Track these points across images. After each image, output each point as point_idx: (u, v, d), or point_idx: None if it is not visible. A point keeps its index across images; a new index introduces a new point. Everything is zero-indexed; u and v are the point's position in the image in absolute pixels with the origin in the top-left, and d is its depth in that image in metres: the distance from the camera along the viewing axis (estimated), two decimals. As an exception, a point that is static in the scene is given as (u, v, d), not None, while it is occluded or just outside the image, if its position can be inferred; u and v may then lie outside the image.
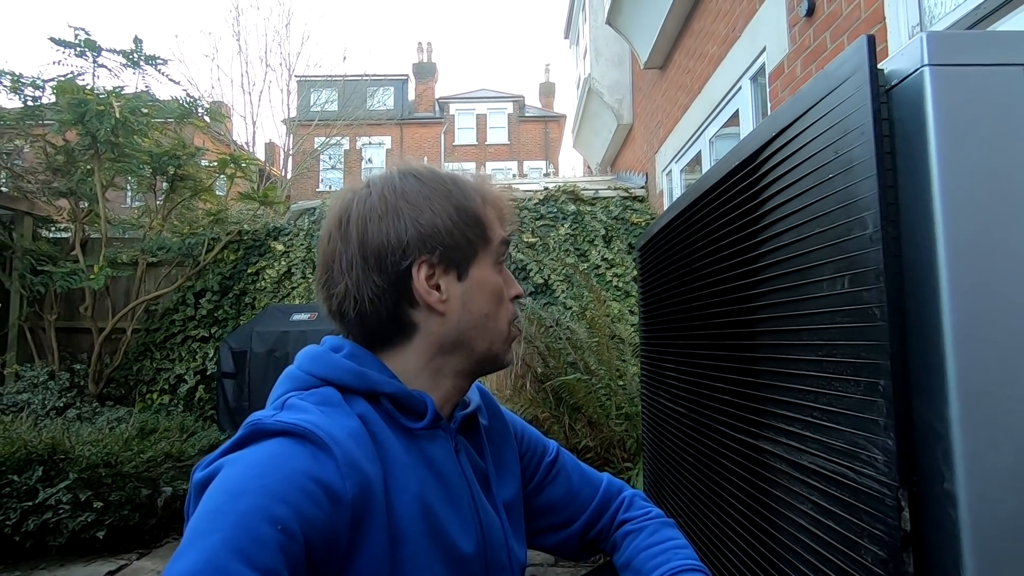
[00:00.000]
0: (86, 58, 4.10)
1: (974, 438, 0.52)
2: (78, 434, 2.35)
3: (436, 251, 0.61)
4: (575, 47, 8.63)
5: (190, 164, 4.43)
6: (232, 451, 0.50)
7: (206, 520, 0.44)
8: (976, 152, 0.54)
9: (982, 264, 0.53)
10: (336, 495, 0.48)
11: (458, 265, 0.62)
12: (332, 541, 0.47)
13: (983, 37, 0.57)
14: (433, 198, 0.62)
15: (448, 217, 0.62)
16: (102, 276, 3.85)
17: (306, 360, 0.62)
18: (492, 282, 0.65)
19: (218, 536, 0.42)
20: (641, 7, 4.64)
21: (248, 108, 13.34)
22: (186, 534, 0.44)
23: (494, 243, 0.65)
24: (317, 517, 0.46)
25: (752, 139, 0.83)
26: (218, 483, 0.46)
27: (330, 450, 0.50)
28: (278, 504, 0.44)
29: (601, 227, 4.85)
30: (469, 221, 0.63)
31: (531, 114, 22.22)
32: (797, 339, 0.72)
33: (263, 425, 0.51)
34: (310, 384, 0.59)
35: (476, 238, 0.63)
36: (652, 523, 0.76)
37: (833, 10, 2.10)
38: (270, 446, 0.49)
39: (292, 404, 0.55)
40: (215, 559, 0.41)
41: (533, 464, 0.78)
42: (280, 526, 0.44)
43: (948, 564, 0.52)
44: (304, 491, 0.46)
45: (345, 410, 0.56)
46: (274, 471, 0.47)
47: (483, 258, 0.64)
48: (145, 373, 4.58)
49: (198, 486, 0.48)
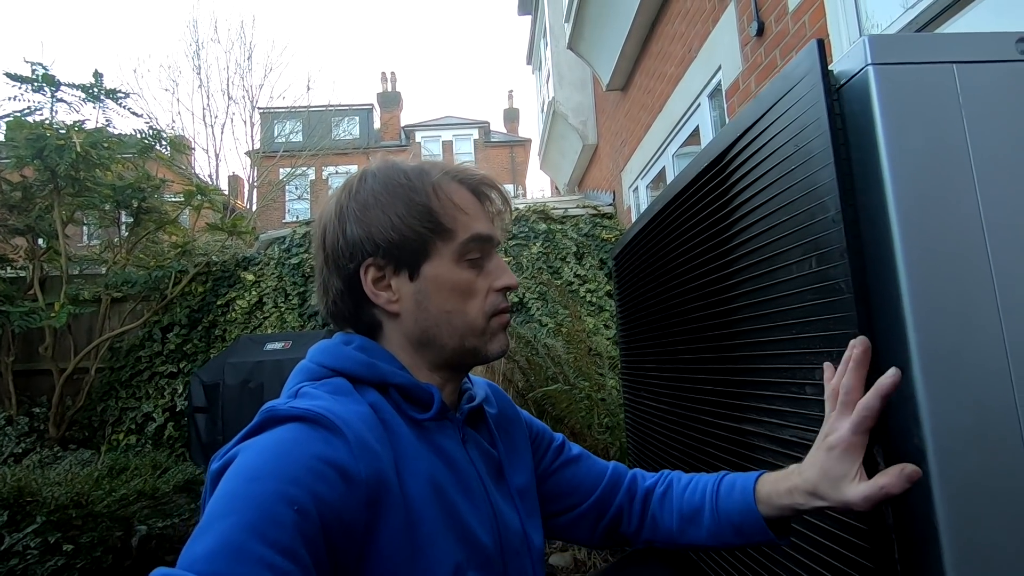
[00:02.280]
0: (44, 93, 4.03)
1: (936, 397, 0.57)
2: (45, 475, 2.25)
3: (380, 251, 0.61)
4: (538, 72, 8.87)
5: (155, 197, 4.35)
6: (246, 438, 0.51)
7: (223, 503, 0.44)
8: (917, 139, 0.61)
9: (931, 236, 0.58)
10: (350, 475, 0.49)
11: (408, 264, 0.62)
12: (349, 521, 0.48)
13: (917, 39, 0.65)
14: (381, 196, 0.62)
15: (395, 214, 0.61)
16: (64, 314, 3.72)
17: (317, 352, 0.64)
18: (451, 279, 0.62)
19: (235, 518, 0.43)
20: (601, 32, 4.83)
21: (211, 141, 13.12)
22: (203, 518, 0.44)
23: (458, 238, 0.62)
24: (332, 497, 0.47)
25: (719, 141, 0.89)
26: (233, 469, 0.47)
27: (342, 433, 0.51)
28: (293, 486, 0.45)
29: (572, 244, 4.94)
30: (419, 216, 0.61)
31: (497, 139, 22.55)
32: (772, 321, 0.77)
33: (277, 412, 0.52)
34: (322, 375, 0.61)
35: (429, 234, 0.61)
36: (671, 474, 0.78)
37: (781, 29, 2.25)
38: (283, 431, 0.50)
39: (305, 392, 0.57)
40: (233, 539, 0.42)
41: (542, 449, 0.79)
42: (296, 507, 0.44)
43: (922, 514, 0.56)
44: (318, 473, 0.47)
45: (356, 398, 0.58)
46: (288, 455, 0.48)
47: (441, 254, 0.62)
48: (110, 413, 4.40)
49: (214, 475, 0.49)
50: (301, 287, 4.77)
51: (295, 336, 3.92)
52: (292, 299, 4.74)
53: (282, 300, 4.74)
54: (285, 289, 4.77)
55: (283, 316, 4.69)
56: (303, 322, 4.68)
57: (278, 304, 4.73)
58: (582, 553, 2.32)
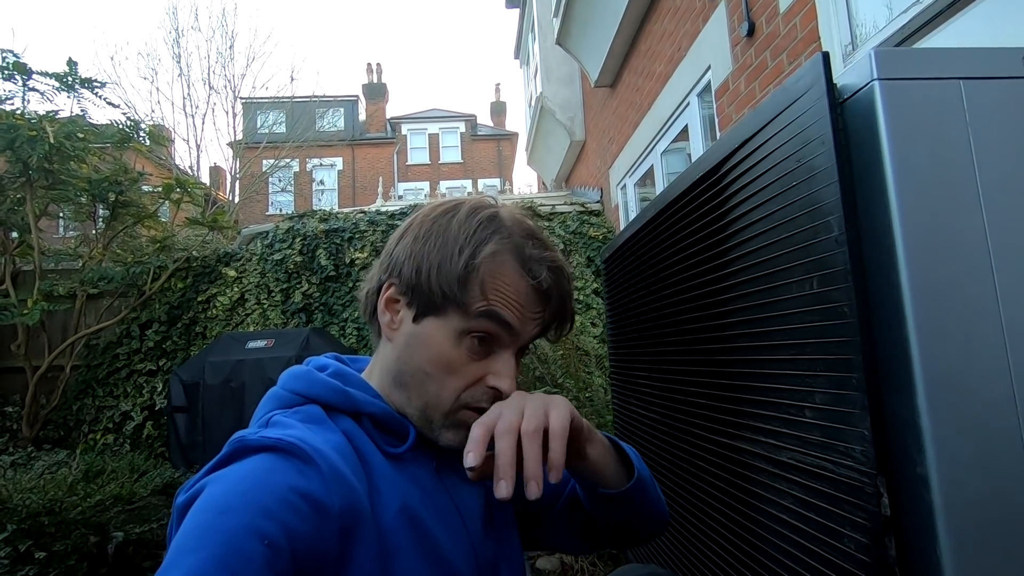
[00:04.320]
0: (15, 81, 3.88)
1: (940, 424, 0.55)
2: (15, 482, 2.18)
3: (403, 281, 0.61)
4: (526, 67, 8.80)
5: (133, 190, 4.24)
6: (215, 469, 0.49)
7: (191, 538, 0.42)
8: (923, 155, 0.59)
9: (937, 258, 0.57)
10: (323, 507, 0.47)
11: (418, 307, 0.60)
12: (320, 554, 0.47)
13: (924, 53, 0.63)
14: (437, 238, 0.60)
15: (428, 261, 0.59)
16: (37, 311, 3.61)
17: (289, 379, 0.61)
18: (441, 347, 0.58)
19: (205, 553, 0.41)
20: (589, 28, 4.79)
21: (191, 131, 12.83)
22: (169, 553, 0.42)
23: (470, 312, 0.58)
24: (304, 530, 0.45)
25: (715, 151, 0.87)
26: (202, 501, 0.45)
27: (315, 463, 0.49)
28: (264, 519, 0.44)
29: (560, 242, 4.92)
30: (444, 277, 0.58)
31: (484, 133, 22.41)
32: (769, 340, 0.75)
33: (247, 442, 0.50)
34: (294, 402, 0.59)
35: (448, 298, 0.58)
36: None
37: (772, 30, 2.23)
38: (255, 462, 0.48)
39: (276, 421, 0.55)
40: (202, 575, 0.40)
41: None
42: (267, 541, 0.43)
43: (926, 545, 0.54)
44: (290, 505, 0.46)
45: (329, 426, 0.56)
46: (260, 486, 0.46)
47: (447, 320, 0.59)
48: (87, 412, 4.29)
49: (181, 508, 0.47)
50: (284, 283, 4.69)
51: (278, 334, 3.85)
52: (275, 296, 4.66)
53: (265, 297, 4.66)
54: (268, 285, 4.69)
55: (266, 313, 4.61)
56: (286, 319, 4.61)
57: (260, 301, 4.64)
58: (569, 557, 2.31)
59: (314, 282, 4.70)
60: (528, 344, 0.62)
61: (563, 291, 0.61)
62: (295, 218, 5.10)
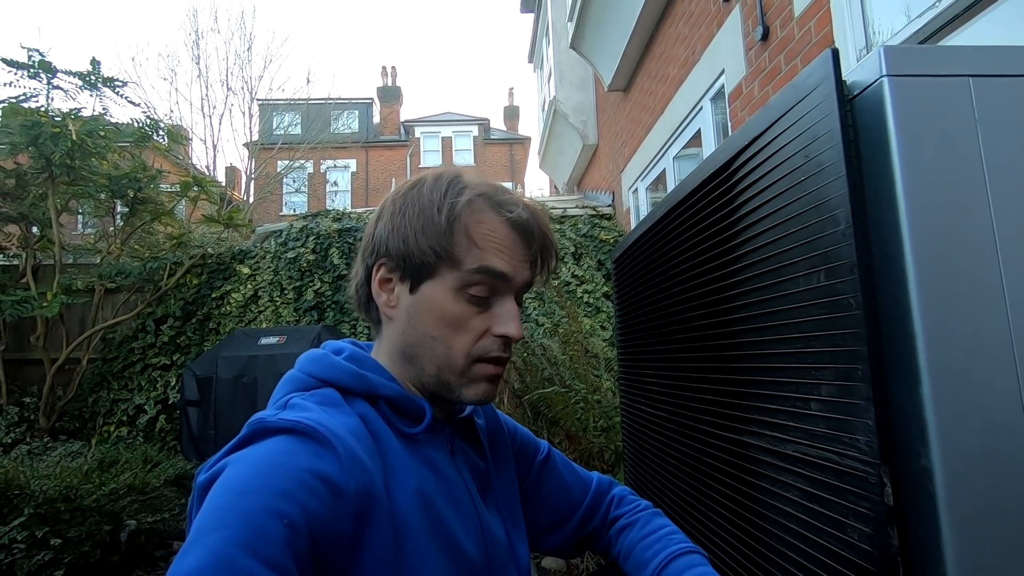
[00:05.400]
0: (40, 80, 3.99)
1: (945, 416, 0.56)
2: (33, 468, 2.23)
3: (392, 256, 0.62)
4: (539, 71, 8.84)
5: (151, 187, 4.32)
6: (235, 451, 0.50)
7: (211, 518, 0.44)
8: (931, 152, 0.59)
9: (942, 253, 0.57)
10: (339, 489, 0.49)
11: (412, 277, 0.62)
12: (336, 535, 0.48)
13: (934, 51, 0.63)
14: (412, 206, 0.62)
15: (411, 228, 0.61)
16: (56, 303, 3.69)
17: (306, 362, 0.63)
18: (443, 306, 0.60)
19: (225, 532, 0.42)
20: (604, 32, 4.81)
21: (208, 131, 13.05)
22: (191, 533, 0.44)
23: (462, 267, 0.60)
24: (321, 511, 0.47)
25: (726, 148, 0.88)
26: (222, 482, 0.47)
27: (332, 446, 0.50)
28: (282, 500, 0.45)
29: (571, 244, 4.93)
30: (429, 237, 0.60)
31: (496, 137, 22.50)
32: (776, 334, 0.76)
33: (266, 424, 0.51)
34: (311, 385, 0.60)
35: (439, 257, 0.60)
36: (643, 515, 0.78)
37: (786, 34, 2.23)
38: (273, 443, 0.50)
39: (294, 403, 0.56)
40: (223, 554, 0.41)
41: (526, 462, 0.79)
42: (285, 520, 0.44)
43: (929, 536, 0.55)
44: (307, 486, 0.47)
45: (345, 409, 0.57)
46: (277, 468, 0.47)
47: (444, 278, 0.60)
48: (102, 404, 4.37)
49: (202, 488, 0.48)
50: (297, 281, 4.74)
51: (290, 331, 3.89)
52: (288, 293, 4.71)
53: (278, 294, 4.72)
54: (281, 283, 4.75)
55: (278, 310, 4.66)
56: (298, 317, 4.66)
57: (273, 298, 4.70)
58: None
59: (326, 280, 4.75)
60: (525, 289, 0.64)
61: (543, 225, 0.64)
62: (309, 217, 5.16)
